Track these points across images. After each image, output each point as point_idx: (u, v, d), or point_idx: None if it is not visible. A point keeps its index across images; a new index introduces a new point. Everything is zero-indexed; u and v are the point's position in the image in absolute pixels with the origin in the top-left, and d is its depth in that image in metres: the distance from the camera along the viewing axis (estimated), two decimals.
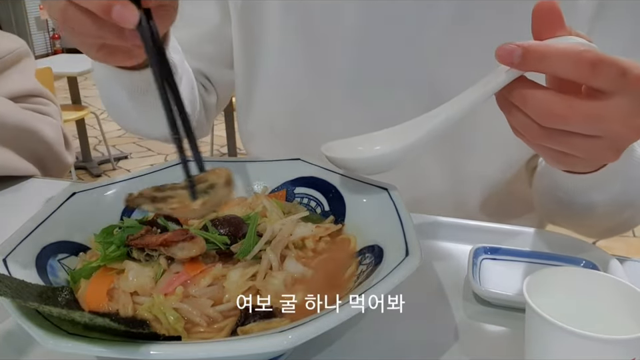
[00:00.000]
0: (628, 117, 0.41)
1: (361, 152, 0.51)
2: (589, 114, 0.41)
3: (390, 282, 0.38)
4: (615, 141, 0.43)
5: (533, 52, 0.40)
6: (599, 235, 0.70)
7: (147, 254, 0.47)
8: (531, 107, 0.42)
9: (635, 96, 0.41)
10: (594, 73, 0.39)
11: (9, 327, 0.48)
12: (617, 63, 0.39)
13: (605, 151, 0.44)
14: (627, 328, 0.36)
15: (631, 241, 2.66)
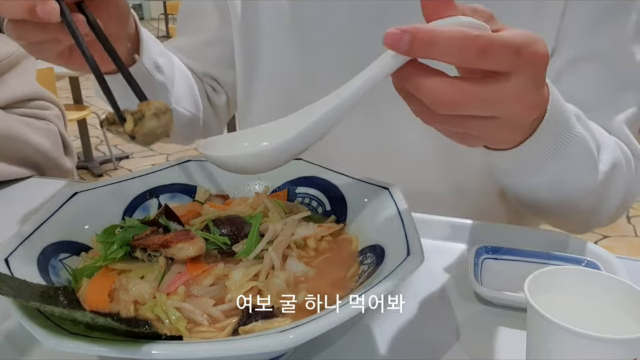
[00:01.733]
0: (523, 95, 0.41)
1: (246, 148, 0.47)
2: (482, 98, 0.40)
3: (391, 282, 0.38)
4: (511, 120, 0.43)
5: (421, 39, 0.37)
6: (579, 228, 0.69)
7: (149, 254, 0.47)
8: (423, 94, 0.40)
9: (530, 73, 0.40)
10: (484, 58, 0.38)
11: (10, 327, 0.48)
12: (509, 44, 0.38)
13: (503, 130, 0.44)
14: (629, 328, 0.36)
15: (633, 241, 2.66)
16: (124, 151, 3.96)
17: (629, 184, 0.64)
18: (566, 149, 0.51)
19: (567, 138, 0.51)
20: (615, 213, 0.66)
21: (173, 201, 0.58)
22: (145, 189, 0.58)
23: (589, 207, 0.62)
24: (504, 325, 0.49)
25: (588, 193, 0.59)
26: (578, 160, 0.54)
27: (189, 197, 0.60)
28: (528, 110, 0.42)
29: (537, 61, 0.40)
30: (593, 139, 0.56)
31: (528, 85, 0.40)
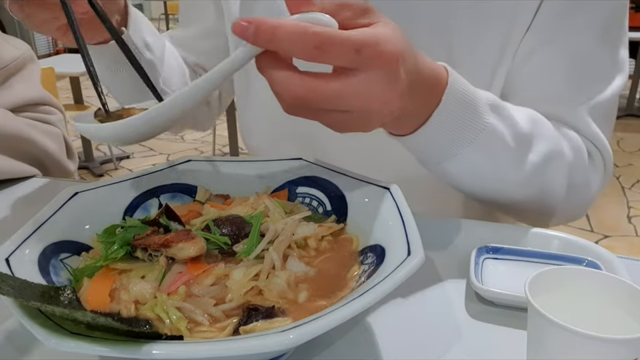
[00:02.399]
0: (371, 91, 0.42)
1: None
2: (328, 94, 0.41)
3: (391, 282, 0.38)
4: (364, 115, 0.44)
5: (264, 31, 0.39)
6: (534, 221, 0.68)
7: (149, 254, 0.47)
8: (272, 86, 0.42)
9: (378, 70, 0.41)
10: (321, 53, 0.39)
11: (11, 327, 0.48)
12: (349, 42, 0.39)
13: (358, 123, 0.45)
14: (630, 327, 0.36)
15: (634, 241, 2.66)
16: (124, 151, 3.97)
17: (581, 176, 0.63)
18: (476, 138, 0.53)
19: (475, 127, 0.52)
20: (569, 206, 0.65)
21: (174, 201, 0.58)
22: (146, 188, 0.58)
23: (525, 199, 0.61)
24: (504, 325, 0.49)
25: (516, 184, 0.59)
26: (492, 149, 0.54)
27: (189, 197, 0.60)
28: (380, 105, 0.43)
29: (383, 60, 0.41)
30: (515, 128, 0.56)
31: (376, 82, 0.42)
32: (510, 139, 0.55)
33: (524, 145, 0.57)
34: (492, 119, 0.54)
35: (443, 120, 0.51)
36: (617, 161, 3.69)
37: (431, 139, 0.53)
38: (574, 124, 0.64)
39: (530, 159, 0.58)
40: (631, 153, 3.90)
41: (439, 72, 0.50)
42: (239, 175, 0.61)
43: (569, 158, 0.62)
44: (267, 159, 0.62)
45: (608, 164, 0.67)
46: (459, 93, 0.51)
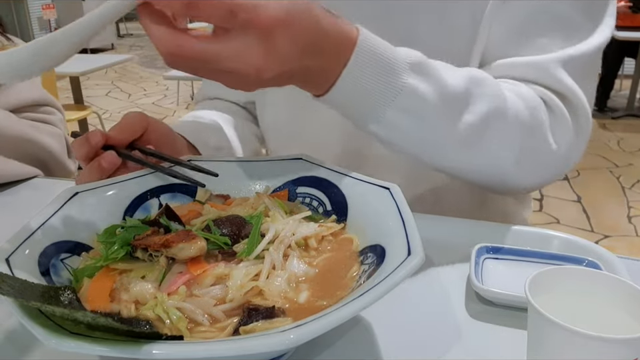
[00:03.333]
0: (244, 54, 0.43)
1: None
2: (198, 53, 0.42)
3: (392, 281, 0.38)
4: (241, 77, 0.45)
5: None
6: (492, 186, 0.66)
7: (150, 254, 0.47)
8: (151, 40, 0.43)
9: (252, 35, 0.43)
10: (191, 10, 0.41)
11: (11, 327, 0.48)
12: (222, 3, 0.41)
13: (238, 83, 0.46)
14: (630, 327, 0.36)
15: (634, 241, 2.66)
16: None
17: (538, 136, 0.61)
18: (395, 99, 0.52)
19: (392, 86, 0.52)
20: (528, 167, 0.62)
21: (174, 201, 0.58)
22: (146, 188, 0.58)
23: (470, 162, 0.60)
24: (504, 325, 0.49)
25: (454, 146, 0.57)
26: (417, 110, 0.54)
27: (189, 197, 0.60)
28: (254, 70, 0.44)
29: (259, 25, 0.42)
30: (445, 87, 0.55)
31: (250, 47, 0.43)
32: (437, 99, 0.54)
33: (457, 104, 0.56)
34: (411, 78, 0.53)
35: (356, 78, 0.51)
36: (617, 161, 3.69)
37: (348, 99, 0.53)
38: (543, 80, 0.62)
39: (466, 119, 0.56)
40: (631, 152, 3.90)
41: (349, 32, 0.50)
42: (239, 174, 0.61)
43: (520, 117, 0.59)
44: (267, 159, 0.63)
45: (583, 121, 0.63)
46: (370, 52, 0.51)
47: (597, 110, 4.90)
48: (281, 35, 0.43)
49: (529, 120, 0.60)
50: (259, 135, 0.90)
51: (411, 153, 0.58)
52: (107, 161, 0.57)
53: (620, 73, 5.06)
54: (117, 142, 0.60)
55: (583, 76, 0.63)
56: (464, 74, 0.57)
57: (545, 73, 0.61)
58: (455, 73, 0.57)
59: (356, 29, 0.51)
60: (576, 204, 3.08)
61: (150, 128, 0.63)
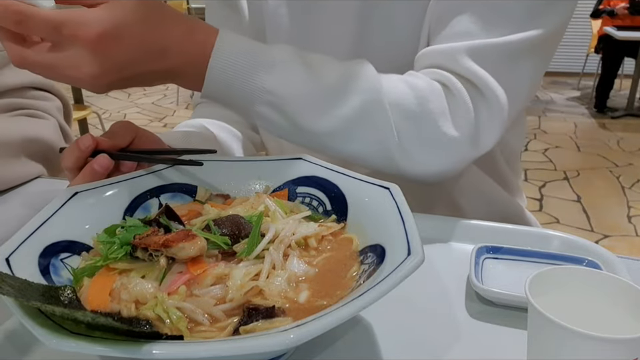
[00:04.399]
0: (76, 65, 0.49)
1: None
2: (37, 64, 0.50)
3: (391, 281, 0.38)
4: (83, 84, 0.51)
5: None
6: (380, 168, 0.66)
7: (150, 254, 0.47)
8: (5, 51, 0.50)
9: (80, 49, 0.49)
10: (20, 27, 0.47)
11: (11, 326, 0.48)
12: (46, 20, 0.47)
13: (89, 88, 0.52)
14: (630, 327, 0.36)
15: (634, 241, 2.66)
16: None
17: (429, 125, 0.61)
18: (262, 97, 0.57)
19: (253, 87, 0.57)
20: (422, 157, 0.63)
21: (174, 201, 0.58)
22: (146, 188, 0.58)
23: (349, 149, 0.62)
24: (504, 325, 0.49)
25: (335, 139, 0.61)
26: (284, 106, 0.58)
27: (189, 197, 0.60)
28: (90, 78, 0.50)
29: (83, 39, 0.48)
30: (313, 82, 0.59)
31: (78, 58, 0.49)
32: (304, 94, 0.58)
33: (328, 98, 0.59)
34: (271, 79, 0.57)
35: (221, 78, 0.56)
36: (616, 161, 3.69)
37: (221, 95, 0.58)
38: (450, 67, 0.63)
39: (340, 112, 0.59)
40: (631, 152, 3.90)
41: (206, 34, 0.55)
42: (239, 174, 0.61)
43: (403, 107, 0.61)
44: (267, 158, 0.63)
45: (495, 107, 0.62)
46: (231, 52, 0.56)
47: (596, 110, 4.91)
48: (108, 45, 0.49)
49: (415, 109, 0.61)
50: (257, 140, 0.90)
51: (293, 142, 0.63)
52: (99, 164, 0.57)
53: (620, 73, 5.07)
54: (107, 147, 0.59)
55: (498, 65, 0.62)
56: (339, 70, 0.60)
57: (452, 60, 0.63)
58: (330, 69, 0.60)
59: (215, 31, 0.56)
60: (576, 204, 3.08)
61: (138, 137, 0.63)
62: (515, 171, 0.87)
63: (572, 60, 6.07)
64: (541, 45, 0.63)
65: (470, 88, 0.62)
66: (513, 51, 0.62)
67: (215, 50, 0.55)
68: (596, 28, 5.12)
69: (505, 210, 0.83)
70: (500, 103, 0.62)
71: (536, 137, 4.27)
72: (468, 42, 0.62)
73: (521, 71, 0.64)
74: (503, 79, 0.62)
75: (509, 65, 0.63)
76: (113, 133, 0.62)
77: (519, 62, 0.63)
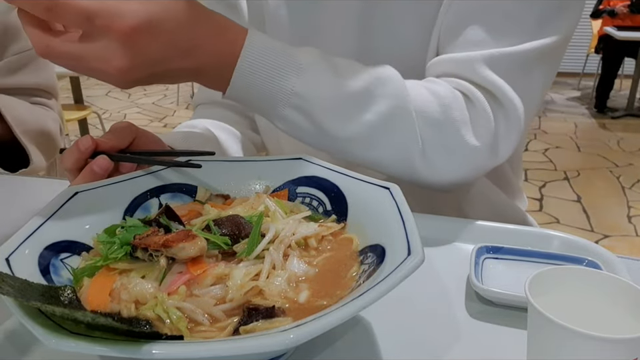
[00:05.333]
0: (106, 58, 0.47)
1: None
2: (64, 54, 0.47)
3: (391, 281, 0.38)
4: (107, 76, 0.49)
5: None
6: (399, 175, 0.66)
7: (150, 254, 0.47)
8: (29, 39, 0.47)
9: (112, 41, 0.47)
10: (51, 15, 0.45)
11: (11, 326, 0.48)
12: (79, 9, 0.45)
13: (109, 81, 0.50)
14: (630, 327, 0.36)
15: (634, 241, 2.66)
16: None
17: (450, 134, 0.62)
18: (290, 100, 0.57)
19: (283, 89, 0.56)
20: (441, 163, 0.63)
21: (174, 201, 0.58)
22: (146, 188, 0.58)
23: (372, 155, 0.62)
24: (504, 325, 0.49)
25: (357, 144, 0.60)
26: (311, 110, 0.58)
27: (189, 197, 0.60)
28: (116, 72, 0.48)
29: (115, 31, 0.46)
30: (340, 87, 0.58)
31: (108, 51, 0.47)
32: (331, 99, 0.58)
33: (354, 104, 0.59)
34: (300, 82, 0.57)
35: (248, 80, 0.55)
36: (617, 161, 3.69)
37: (246, 98, 0.57)
38: (468, 76, 0.63)
39: (365, 118, 0.59)
40: (631, 152, 3.90)
41: (235, 34, 0.55)
42: (239, 174, 0.61)
43: (427, 114, 0.61)
44: (267, 158, 0.62)
45: (512, 116, 0.63)
46: (260, 54, 0.55)
47: (597, 110, 4.91)
48: (141, 39, 0.47)
49: (439, 117, 0.61)
50: (258, 141, 0.90)
51: (316, 147, 0.62)
52: (98, 165, 0.57)
53: (620, 73, 5.07)
54: (107, 148, 0.59)
55: (514, 73, 0.63)
56: (366, 75, 0.60)
57: (470, 69, 0.63)
58: (357, 74, 0.60)
59: (245, 31, 0.55)
60: (576, 204, 3.08)
61: (138, 137, 0.63)
62: (516, 172, 0.88)
63: (572, 60, 6.07)
64: (552, 51, 0.64)
65: (489, 97, 0.63)
66: (527, 59, 0.62)
67: (244, 50, 0.54)
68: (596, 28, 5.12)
69: (506, 214, 0.83)
70: (517, 112, 0.63)
71: (536, 136, 4.27)
72: (484, 51, 0.62)
73: (534, 78, 0.64)
74: (518, 87, 0.62)
75: (523, 73, 0.63)
76: (113, 133, 0.61)
77: (532, 70, 0.63)
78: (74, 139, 1.03)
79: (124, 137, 0.62)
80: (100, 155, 0.58)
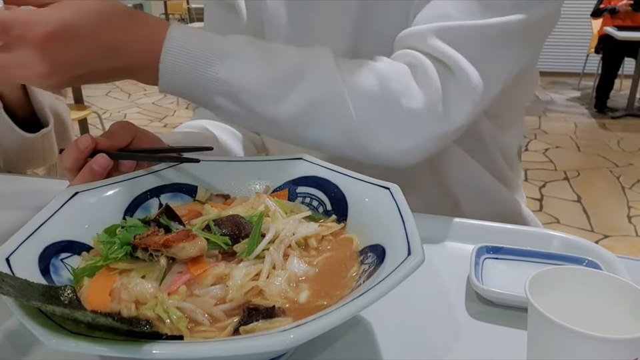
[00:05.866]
0: (26, 66, 0.50)
1: None
2: None
3: (392, 282, 0.38)
4: (31, 81, 0.53)
5: None
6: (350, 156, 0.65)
7: (150, 254, 0.47)
8: None
9: (29, 49, 0.49)
10: None
11: (12, 326, 0.48)
12: None
13: (37, 85, 0.55)
14: (630, 327, 0.36)
15: (634, 241, 2.66)
16: None
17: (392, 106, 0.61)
18: (215, 87, 0.57)
19: (207, 77, 0.57)
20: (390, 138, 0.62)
21: (174, 201, 0.58)
22: (146, 188, 0.58)
23: (313, 135, 0.62)
24: (504, 325, 0.49)
25: (289, 124, 0.60)
26: (238, 98, 0.58)
27: (189, 197, 0.60)
28: (36, 77, 0.51)
29: (31, 40, 0.49)
30: (266, 71, 0.58)
31: (26, 58, 0.50)
32: (258, 82, 0.58)
33: (282, 87, 0.59)
34: (223, 69, 0.57)
35: (174, 73, 0.56)
36: (617, 161, 3.69)
37: (177, 90, 0.58)
38: (418, 47, 0.63)
39: (294, 98, 0.59)
40: (631, 152, 3.90)
41: (157, 30, 0.56)
42: (239, 174, 0.61)
43: (365, 89, 0.61)
44: (267, 158, 0.63)
45: (463, 82, 0.62)
46: (181, 46, 0.56)
47: (597, 110, 4.91)
48: (56, 45, 0.49)
49: (376, 89, 0.61)
50: (258, 141, 0.90)
51: (264, 133, 0.65)
52: (97, 163, 0.57)
53: (620, 73, 5.07)
54: (106, 147, 0.59)
55: (472, 47, 0.62)
56: (294, 56, 0.60)
57: (421, 41, 0.63)
58: (285, 56, 0.60)
59: (166, 25, 0.56)
60: (576, 204, 3.08)
61: (137, 137, 0.63)
62: (514, 170, 0.87)
63: (572, 60, 6.07)
64: (523, 31, 0.63)
65: (438, 65, 0.62)
66: (491, 34, 0.62)
67: (165, 43, 0.55)
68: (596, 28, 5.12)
69: (503, 206, 0.83)
70: (471, 83, 0.62)
71: (536, 137, 4.27)
72: (438, 23, 0.62)
73: (500, 55, 0.63)
74: (477, 61, 0.62)
75: (485, 48, 0.63)
76: (112, 133, 0.62)
77: (497, 46, 0.63)
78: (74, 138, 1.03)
79: (123, 136, 0.62)
80: (99, 153, 0.58)
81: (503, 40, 0.63)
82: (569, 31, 5.96)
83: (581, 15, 5.48)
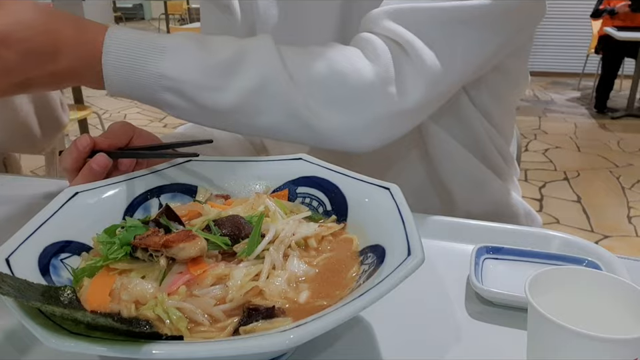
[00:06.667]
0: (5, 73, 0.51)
1: None
2: None
3: (391, 282, 0.38)
4: None
5: None
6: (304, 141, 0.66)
7: (150, 254, 0.47)
8: None
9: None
10: None
11: (11, 326, 0.48)
12: None
13: None
14: (630, 327, 0.36)
15: (634, 241, 2.66)
16: None
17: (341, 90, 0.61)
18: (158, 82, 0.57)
19: (149, 74, 0.57)
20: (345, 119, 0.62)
21: (174, 201, 0.58)
22: (146, 188, 0.58)
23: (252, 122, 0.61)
24: (504, 325, 0.49)
25: (235, 114, 0.60)
26: (183, 90, 0.58)
27: (189, 197, 0.60)
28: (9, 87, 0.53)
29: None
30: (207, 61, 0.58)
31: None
32: (199, 73, 0.58)
33: (222, 74, 0.59)
34: (164, 63, 0.57)
35: (117, 73, 0.56)
36: (616, 161, 3.69)
37: (123, 91, 0.58)
38: (374, 29, 0.64)
39: (236, 85, 0.58)
40: (631, 152, 3.90)
41: (95, 33, 0.56)
42: (239, 175, 0.61)
43: (310, 73, 0.61)
44: (267, 158, 0.63)
45: (417, 62, 0.62)
46: (120, 46, 0.56)
47: (597, 110, 4.91)
48: None
49: (322, 71, 0.61)
50: (257, 141, 0.90)
51: (211, 126, 0.63)
52: (97, 163, 0.57)
53: (620, 73, 5.07)
54: (105, 146, 0.59)
55: (426, 28, 0.62)
56: (233, 45, 0.60)
57: (375, 23, 0.64)
58: (224, 46, 0.60)
59: (105, 28, 0.56)
60: (576, 204, 3.08)
61: (136, 136, 0.63)
62: (508, 163, 0.87)
63: (572, 60, 6.07)
64: (486, 17, 0.62)
65: (392, 45, 0.62)
66: (449, 17, 0.62)
67: (105, 45, 0.55)
68: (596, 28, 5.12)
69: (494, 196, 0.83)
70: (425, 63, 0.61)
71: (536, 137, 4.27)
72: (392, 6, 0.63)
73: (459, 38, 0.63)
74: (434, 43, 0.62)
75: (442, 30, 0.62)
76: (111, 132, 0.62)
77: (456, 29, 0.63)
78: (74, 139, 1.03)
79: (122, 136, 0.62)
80: (98, 153, 0.58)
81: (463, 23, 0.62)
82: (569, 31, 5.97)
83: (581, 15, 5.48)
